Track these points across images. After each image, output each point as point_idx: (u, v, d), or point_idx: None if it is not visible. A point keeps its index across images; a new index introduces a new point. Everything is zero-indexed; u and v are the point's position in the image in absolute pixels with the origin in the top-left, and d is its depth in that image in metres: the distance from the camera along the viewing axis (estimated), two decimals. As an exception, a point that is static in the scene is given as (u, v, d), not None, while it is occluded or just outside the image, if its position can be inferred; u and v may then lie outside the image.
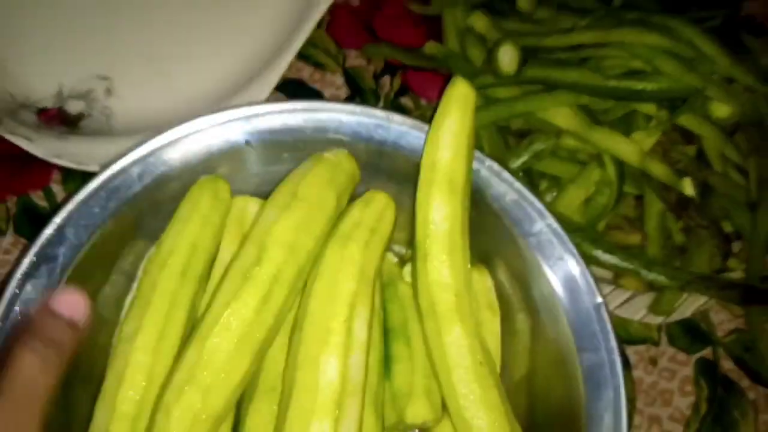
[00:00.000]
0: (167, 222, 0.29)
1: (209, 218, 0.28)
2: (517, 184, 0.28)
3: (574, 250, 0.27)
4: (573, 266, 0.27)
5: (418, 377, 0.28)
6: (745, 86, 0.35)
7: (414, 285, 0.28)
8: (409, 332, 0.30)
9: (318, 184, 0.28)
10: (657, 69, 0.34)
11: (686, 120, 0.34)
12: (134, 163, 0.28)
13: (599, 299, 0.27)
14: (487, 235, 0.29)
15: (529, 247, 0.28)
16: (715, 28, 0.38)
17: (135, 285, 0.29)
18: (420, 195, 0.27)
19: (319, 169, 0.28)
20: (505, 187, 0.28)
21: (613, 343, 0.26)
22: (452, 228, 0.27)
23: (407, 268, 0.32)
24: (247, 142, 0.29)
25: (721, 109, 0.34)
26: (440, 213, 0.27)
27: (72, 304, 0.24)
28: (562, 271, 0.27)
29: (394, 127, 0.28)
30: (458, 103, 0.28)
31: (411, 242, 0.29)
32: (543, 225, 0.28)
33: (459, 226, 0.27)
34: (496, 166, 0.28)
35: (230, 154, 0.29)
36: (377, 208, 0.29)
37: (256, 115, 0.28)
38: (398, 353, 0.29)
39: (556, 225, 0.28)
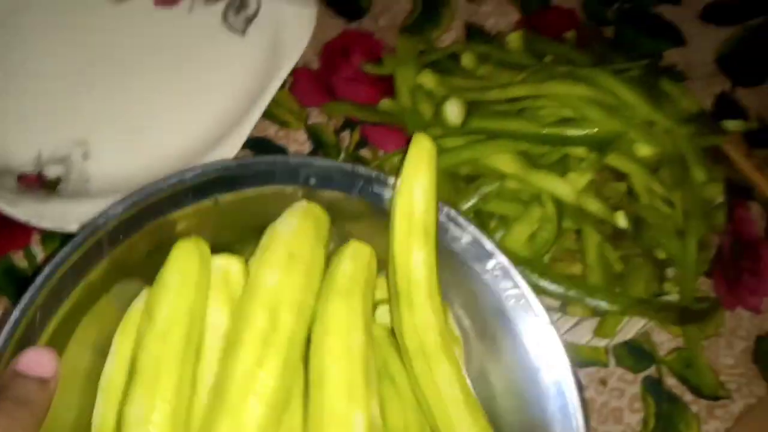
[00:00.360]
0: (137, 285, 0.29)
1: (201, 284, 0.28)
2: (471, 228, 0.31)
3: (523, 282, 0.30)
4: (524, 294, 0.30)
5: (410, 414, 0.30)
6: (664, 128, 0.39)
7: (398, 328, 0.30)
8: (392, 372, 0.31)
9: (309, 240, 0.29)
10: (584, 116, 0.38)
11: (614, 160, 0.39)
12: (106, 224, 0.28)
13: (548, 321, 0.29)
14: (446, 272, 0.32)
15: (484, 282, 0.30)
16: (638, 77, 0.43)
17: (114, 358, 0.29)
18: (398, 244, 0.29)
19: (306, 224, 0.29)
20: (460, 230, 0.31)
21: (566, 360, 0.28)
22: (430, 272, 0.29)
23: (379, 311, 0.33)
24: (216, 201, 0.30)
25: (644, 149, 0.38)
26: (419, 259, 0.29)
27: (40, 362, 0.24)
28: (514, 299, 0.30)
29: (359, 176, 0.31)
30: (425, 158, 0.30)
31: (389, 287, 0.31)
32: (495, 262, 0.30)
33: (435, 269, 0.29)
34: (452, 212, 0.31)
35: (199, 211, 0.29)
36: (365, 261, 0.31)
37: (225, 170, 0.30)
38: (386, 393, 0.31)
39: (506, 262, 0.30)
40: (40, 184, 0.43)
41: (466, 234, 0.30)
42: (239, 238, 0.31)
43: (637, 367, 0.41)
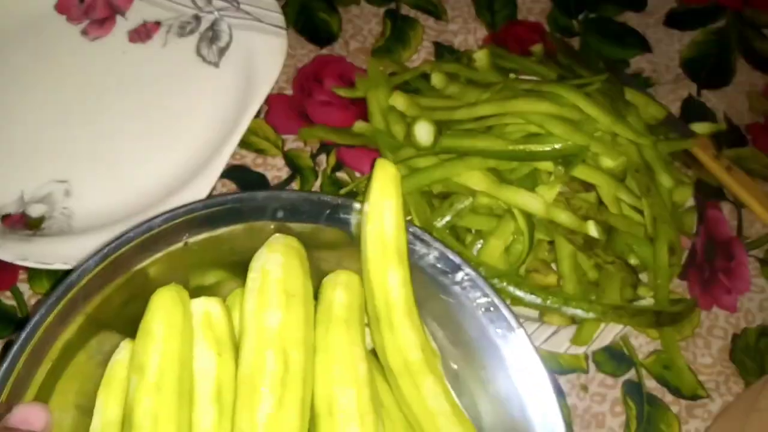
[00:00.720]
0: (115, 338, 0.29)
1: (186, 331, 0.28)
2: (437, 244, 0.32)
3: (492, 290, 0.30)
4: (494, 302, 0.30)
5: (400, 430, 0.31)
6: (627, 139, 0.41)
7: (380, 348, 0.30)
8: (379, 392, 0.31)
9: (299, 275, 0.29)
10: (549, 132, 0.39)
11: (580, 172, 0.39)
12: (79, 280, 0.28)
13: (517, 327, 0.30)
14: (417, 289, 0.33)
15: (455, 294, 0.31)
16: (602, 89, 0.44)
17: (100, 416, 0.29)
18: (373, 267, 0.30)
19: (292, 259, 0.30)
20: (427, 247, 0.31)
21: (539, 361, 0.29)
22: (407, 292, 0.30)
23: None
24: (186, 244, 0.30)
25: (608, 161, 0.39)
26: (395, 280, 0.30)
27: (31, 416, 0.24)
28: (483, 308, 0.31)
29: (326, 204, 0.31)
30: (390, 182, 0.31)
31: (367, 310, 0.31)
32: (463, 274, 0.31)
33: (411, 288, 0.30)
34: (418, 231, 0.32)
35: (170, 256, 0.30)
36: (357, 289, 0.31)
37: (193, 212, 0.29)
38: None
39: (473, 273, 0.31)
40: (24, 223, 0.44)
41: (433, 250, 0.31)
42: (214, 276, 0.31)
43: (617, 371, 0.42)
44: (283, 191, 0.32)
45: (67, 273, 0.28)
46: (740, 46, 0.55)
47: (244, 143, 0.47)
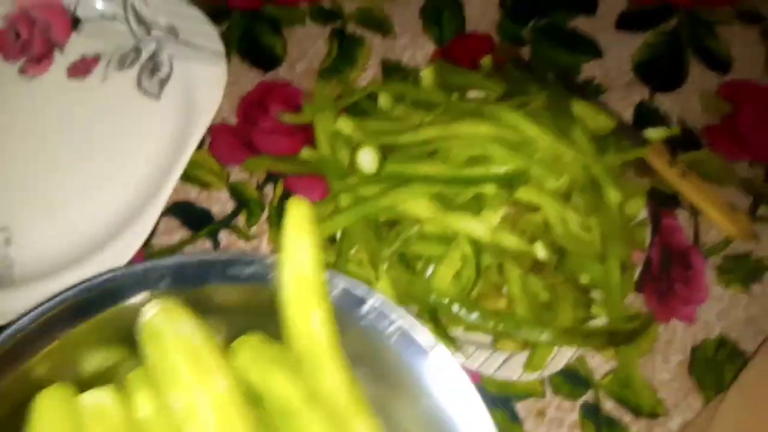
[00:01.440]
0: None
1: None
2: (337, 280, 0.30)
3: (401, 316, 0.29)
4: (402, 327, 0.29)
5: None
6: (570, 157, 0.40)
7: (305, 396, 0.29)
8: None
9: (197, 336, 0.28)
10: (490, 155, 0.38)
11: (524, 194, 0.39)
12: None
13: (432, 343, 0.29)
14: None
15: (364, 327, 0.30)
16: (547, 104, 0.43)
17: None
18: (294, 310, 0.29)
19: (202, 332, 0.28)
20: (330, 285, 0.30)
21: (464, 378, 0.28)
22: (331, 331, 0.29)
23: None
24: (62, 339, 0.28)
25: (550, 182, 0.39)
26: (319, 319, 0.29)
27: None
28: (395, 335, 0.29)
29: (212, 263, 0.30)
30: (303, 221, 0.30)
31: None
32: (368, 306, 0.30)
33: (334, 328, 0.30)
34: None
35: (51, 353, 0.27)
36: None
37: (65, 303, 0.28)
38: None
39: (378, 302, 0.30)
40: (-37, 275, 0.43)
41: (336, 286, 0.30)
42: (111, 358, 0.30)
43: (574, 394, 0.41)
44: (163, 258, 0.30)
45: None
46: (693, 45, 0.54)
47: (187, 177, 0.46)
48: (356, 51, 0.52)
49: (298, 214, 0.30)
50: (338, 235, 0.42)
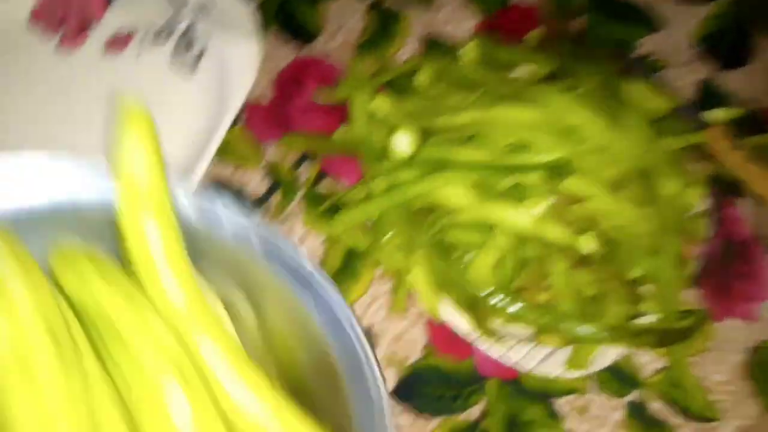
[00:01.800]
0: None
1: None
2: (196, 197, 0.29)
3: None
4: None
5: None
6: (622, 146, 0.37)
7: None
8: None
9: None
10: (535, 142, 0.36)
11: (572, 184, 0.36)
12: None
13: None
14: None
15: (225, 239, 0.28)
16: (599, 86, 0.40)
17: None
18: (127, 218, 0.27)
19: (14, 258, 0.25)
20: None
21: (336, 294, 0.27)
22: (170, 242, 0.27)
23: None
24: None
25: (600, 171, 0.36)
26: (154, 231, 0.27)
27: None
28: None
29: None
30: (140, 125, 0.29)
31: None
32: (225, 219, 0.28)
33: (178, 240, 0.27)
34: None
35: None
36: None
37: None
38: None
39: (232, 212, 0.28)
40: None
41: (194, 204, 0.29)
42: None
43: (619, 392, 0.39)
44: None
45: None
46: (761, 18, 0.49)
47: (222, 155, 0.45)
48: (394, 25, 0.50)
49: (135, 121, 0.29)
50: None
